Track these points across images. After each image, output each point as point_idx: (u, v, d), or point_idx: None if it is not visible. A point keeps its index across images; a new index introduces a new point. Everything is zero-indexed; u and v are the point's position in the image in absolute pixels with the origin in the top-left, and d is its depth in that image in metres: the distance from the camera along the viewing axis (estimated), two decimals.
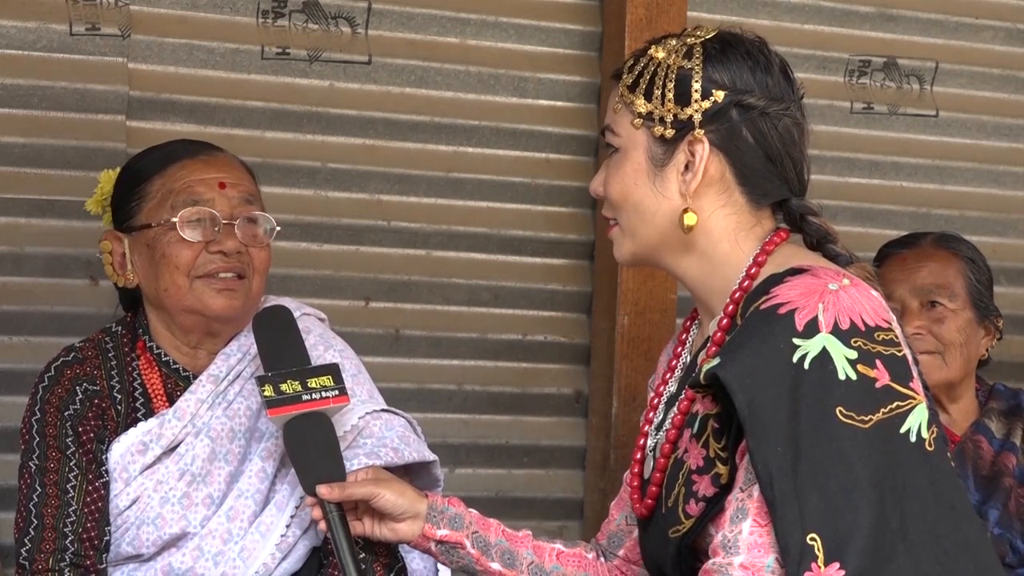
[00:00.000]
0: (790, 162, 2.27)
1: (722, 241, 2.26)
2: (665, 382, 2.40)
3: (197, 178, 2.75)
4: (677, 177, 2.24)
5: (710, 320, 2.29)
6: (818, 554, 1.99)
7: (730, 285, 2.24)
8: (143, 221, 2.76)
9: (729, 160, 2.24)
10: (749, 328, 2.11)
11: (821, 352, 2.05)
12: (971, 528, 2.10)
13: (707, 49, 2.25)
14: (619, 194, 2.28)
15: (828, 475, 2.01)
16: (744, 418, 2.05)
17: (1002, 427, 3.30)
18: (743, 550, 2.07)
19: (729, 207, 2.25)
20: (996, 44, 4.25)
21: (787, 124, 2.25)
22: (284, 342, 2.60)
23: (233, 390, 2.76)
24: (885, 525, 2.02)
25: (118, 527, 2.69)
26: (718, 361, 2.09)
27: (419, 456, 2.74)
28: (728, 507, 2.11)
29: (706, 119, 2.22)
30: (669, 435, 2.26)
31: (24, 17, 3.40)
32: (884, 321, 2.11)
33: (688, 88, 2.23)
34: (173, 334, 2.80)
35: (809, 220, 2.29)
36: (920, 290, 3.28)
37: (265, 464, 2.73)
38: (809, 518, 2.01)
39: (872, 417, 2.04)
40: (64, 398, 2.74)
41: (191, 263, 2.71)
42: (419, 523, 2.50)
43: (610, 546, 2.56)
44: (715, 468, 2.15)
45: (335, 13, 3.64)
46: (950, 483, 2.10)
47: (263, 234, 2.78)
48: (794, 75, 2.29)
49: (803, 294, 2.09)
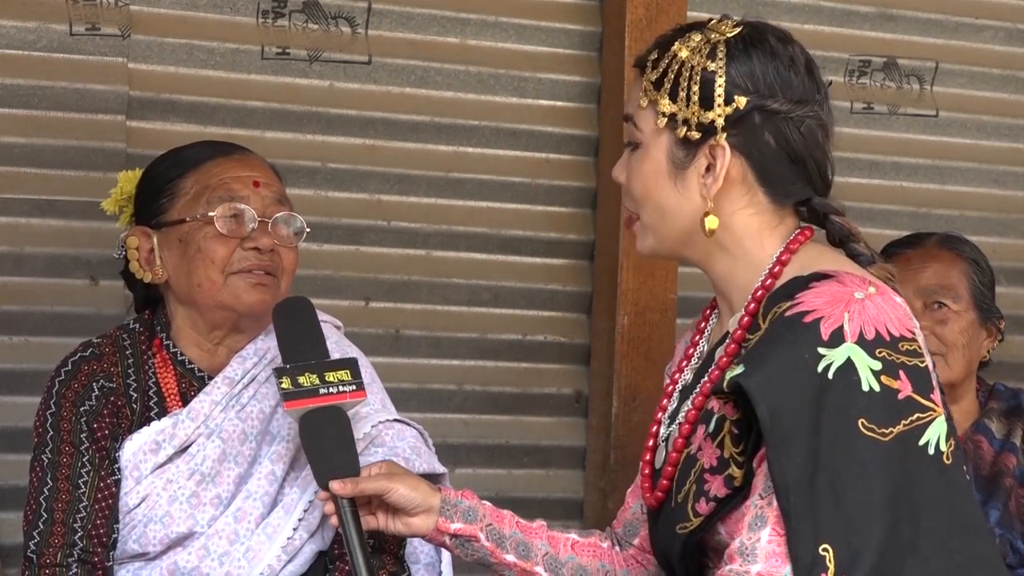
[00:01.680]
0: (813, 163, 2.27)
1: (745, 239, 2.25)
2: (681, 370, 2.38)
3: (233, 175, 2.76)
4: (698, 179, 2.23)
5: (730, 315, 2.28)
6: (829, 566, 1.99)
7: (753, 281, 2.23)
8: (176, 216, 2.76)
9: (750, 163, 2.23)
10: (774, 335, 2.10)
11: (846, 362, 2.04)
12: (984, 543, 2.10)
13: (730, 49, 2.23)
14: (640, 191, 2.28)
15: (846, 487, 2.01)
16: (766, 428, 2.04)
17: (1002, 427, 3.30)
18: (761, 559, 2.05)
19: (752, 207, 2.25)
20: (996, 44, 4.25)
21: (811, 125, 2.25)
22: (304, 334, 2.59)
23: (247, 393, 2.76)
24: (897, 539, 2.01)
25: (126, 525, 2.69)
26: (742, 369, 2.07)
27: (429, 468, 2.75)
28: (747, 513, 2.09)
29: (728, 123, 2.21)
30: (682, 429, 2.25)
31: (24, 17, 3.40)
32: (908, 331, 2.10)
33: (711, 92, 2.21)
34: (197, 331, 2.80)
35: (832, 219, 2.29)
36: (924, 291, 3.27)
37: (275, 467, 2.73)
38: (823, 529, 2.00)
39: (893, 430, 2.04)
40: (80, 393, 2.73)
41: (227, 259, 2.72)
42: (433, 517, 2.48)
43: (625, 535, 2.54)
44: (729, 470, 2.14)
45: (335, 13, 3.64)
46: (965, 497, 2.09)
47: (293, 235, 2.79)
48: (819, 72, 2.28)
49: (829, 302, 2.08)
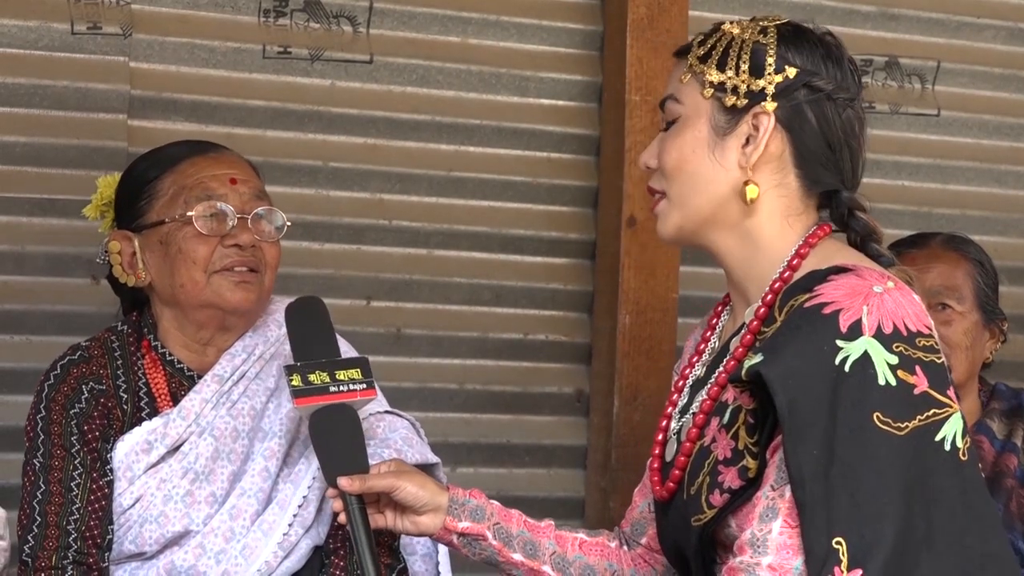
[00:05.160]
0: (848, 152, 2.26)
1: (770, 221, 2.25)
2: (692, 365, 2.38)
3: (209, 174, 2.77)
4: (738, 148, 2.24)
5: (744, 307, 2.28)
6: (842, 559, 1.99)
7: (770, 273, 2.23)
8: (156, 218, 2.76)
9: (791, 138, 2.23)
10: (792, 326, 2.10)
11: (863, 355, 2.04)
12: (997, 541, 2.10)
13: (781, 31, 2.26)
14: (675, 161, 2.27)
15: (860, 480, 2.01)
16: (783, 418, 2.04)
17: (1003, 428, 3.30)
18: (772, 551, 2.05)
19: (782, 188, 2.25)
20: (998, 43, 4.24)
21: (850, 115, 2.25)
22: (315, 333, 2.60)
23: (238, 390, 2.76)
24: (911, 534, 2.01)
25: (121, 525, 2.69)
26: (761, 358, 2.08)
27: (422, 458, 2.75)
28: (757, 504, 2.09)
29: (777, 93, 2.22)
30: (696, 419, 2.25)
31: (25, 16, 3.40)
32: (926, 327, 2.10)
33: (762, 61, 2.23)
34: (184, 331, 2.80)
35: (857, 216, 2.28)
36: (928, 291, 3.26)
37: (268, 463, 2.73)
38: (837, 522, 2.00)
39: (908, 424, 2.03)
40: (70, 396, 2.73)
41: (208, 258, 2.72)
42: (440, 516, 2.49)
43: (633, 534, 2.54)
44: (743, 461, 2.14)
45: (336, 12, 3.64)
46: (980, 494, 2.09)
47: (274, 230, 2.79)
48: (860, 74, 2.30)
49: (848, 295, 2.08)
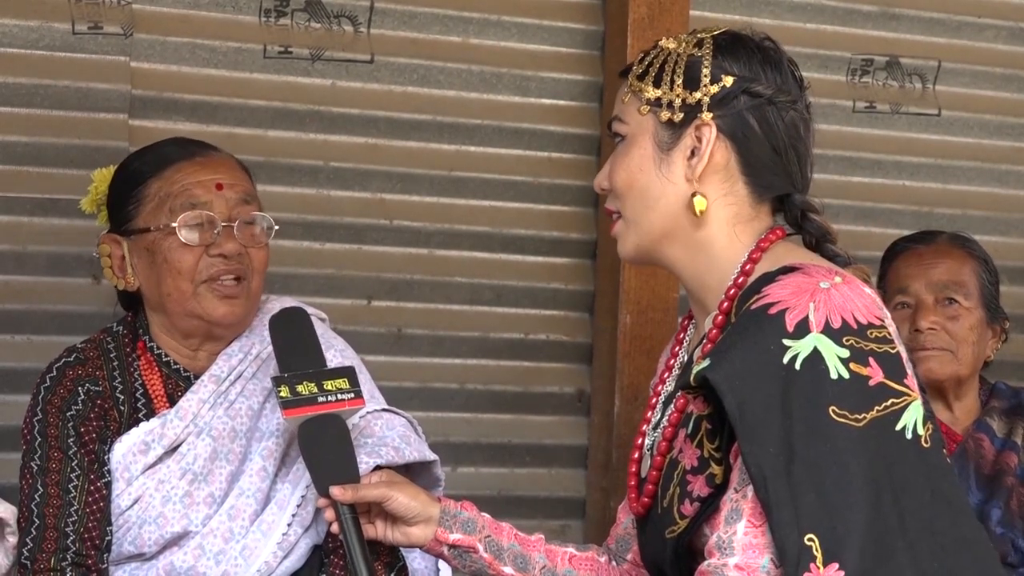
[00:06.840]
0: (794, 155, 2.26)
1: (721, 231, 2.25)
2: (663, 381, 2.39)
3: (194, 180, 2.74)
4: (683, 162, 2.24)
5: (705, 317, 2.28)
6: (816, 555, 1.99)
7: (725, 281, 2.24)
8: (141, 225, 2.75)
9: (735, 147, 2.24)
10: (739, 328, 2.11)
11: (812, 352, 2.04)
12: (968, 524, 2.11)
13: (717, 41, 2.26)
14: (624, 181, 2.28)
15: (823, 475, 2.01)
16: (735, 420, 2.04)
17: (1003, 426, 3.31)
18: (738, 551, 2.06)
19: (731, 196, 2.25)
20: (999, 43, 4.24)
21: (793, 118, 2.25)
22: (301, 344, 2.60)
23: (235, 390, 2.76)
24: (883, 523, 2.01)
25: (120, 527, 2.70)
26: (708, 363, 2.08)
27: (420, 456, 2.75)
28: (723, 508, 2.10)
29: (714, 103, 2.22)
30: (665, 433, 2.26)
31: (27, 16, 3.40)
32: (877, 318, 2.10)
33: (697, 73, 2.23)
34: (174, 337, 2.79)
35: (810, 218, 2.28)
36: (936, 286, 3.28)
37: (266, 463, 2.73)
38: (806, 519, 2.00)
39: (866, 415, 2.04)
40: (66, 399, 2.73)
41: (194, 268, 2.71)
42: (432, 527, 2.50)
43: (619, 550, 2.56)
44: (709, 468, 2.15)
45: (337, 12, 3.64)
46: (947, 479, 2.10)
47: (261, 234, 2.78)
48: (801, 75, 2.30)
49: (794, 293, 2.09)
